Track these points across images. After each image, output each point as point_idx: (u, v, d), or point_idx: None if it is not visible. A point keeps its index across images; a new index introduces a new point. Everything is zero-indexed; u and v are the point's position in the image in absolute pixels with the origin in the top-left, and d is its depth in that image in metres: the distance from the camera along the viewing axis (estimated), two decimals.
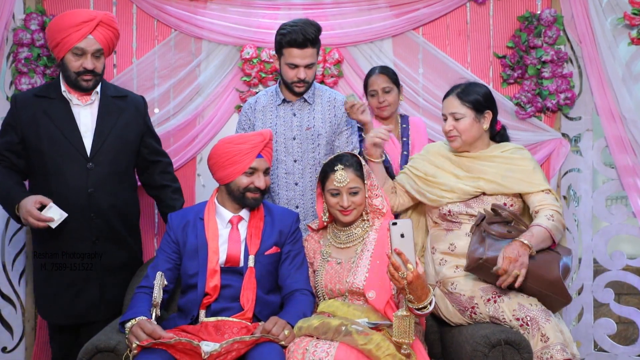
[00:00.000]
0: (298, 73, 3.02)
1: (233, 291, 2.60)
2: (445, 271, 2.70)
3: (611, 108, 3.60)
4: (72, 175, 2.89)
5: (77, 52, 2.83)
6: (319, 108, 3.18)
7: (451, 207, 2.78)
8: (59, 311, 2.96)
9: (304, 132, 3.14)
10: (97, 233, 2.93)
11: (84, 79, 2.87)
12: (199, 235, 2.68)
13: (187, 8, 3.72)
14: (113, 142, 2.97)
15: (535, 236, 2.52)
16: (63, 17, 2.84)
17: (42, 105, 2.92)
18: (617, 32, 3.60)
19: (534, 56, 3.65)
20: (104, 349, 2.36)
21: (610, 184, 3.69)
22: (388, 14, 3.75)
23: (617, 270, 3.64)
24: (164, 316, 2.66)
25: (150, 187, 3.28)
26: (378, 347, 2.22)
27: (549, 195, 2.70)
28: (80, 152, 2.91)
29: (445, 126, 2.80)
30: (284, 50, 3.02)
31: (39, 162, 2.92)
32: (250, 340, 2.27)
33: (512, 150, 2.81)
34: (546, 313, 2.48)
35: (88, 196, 2.90)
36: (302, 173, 3.15)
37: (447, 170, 2.84)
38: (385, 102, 3.35)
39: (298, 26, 2.98)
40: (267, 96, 3.24)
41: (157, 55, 3.74)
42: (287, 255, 2.73)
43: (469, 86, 2.83)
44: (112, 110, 3.01)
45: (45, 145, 2.89)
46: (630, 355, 3.58)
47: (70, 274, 2.91)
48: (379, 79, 3.37)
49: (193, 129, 3.74)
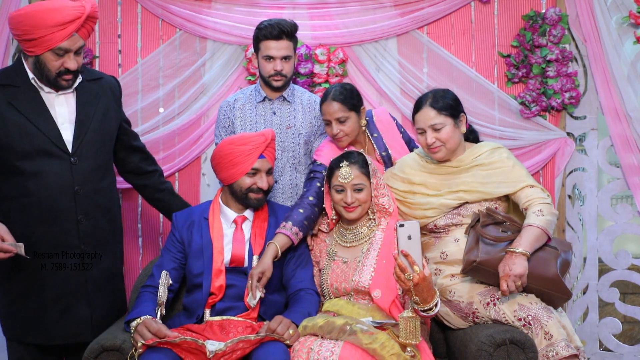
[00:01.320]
0: (275, 65, 3.06)
1: (238, 291, 2.61)
2: (441, 281, 2.69)
3: (616, 107, 3.58)
4: (54, 173, 2.54)
5: (59, 52, 2.46)
6: (299, 108, 3.21)
7: (437, 222, 2.77)
8: (41, 331, 2.58)
9: (285, 131, 3.16)
10: (86, 239, 2.61)
11: (64, 79, 2.53)
12: (203, 235, 2.69)
13: (192, 8, 3.72)
14: (95, 133, 2.65)
15: (528, 239, 2.51)
16: (44, 13, 2.41)
17: (6, 95, 2.52)
18: (622, 30, 3.58)
19: (539, 55, 3.64)
20: (110, 348, 2.36)
21: (616, 183, 3.68)
22: (393, 13, 3.74)
23: (623, 270, 3.62)
24: (169, 315, 2.67)
25: (135, 174, 3.01)
26: (383, 346, 2.22)
27: (534, 190, 2.67)
28: (60, 146, 2.55)
29: (427, 139, 2.70)
30: (260, 44, 3.08)
31: (10, 162, 2.53)
32: (255, 339, 2.27)
33: (488, 153, 2.77)
34: (547, 310, 2.48)
35: (74, 195, 2.57)
36: (282, 171, 3.17)
37: (426, 186, 2.80)
38: (340, 133, 2.91)
39: (273, 21, 3.08)
40: (246, 95, 3.26)
41: (162, 55, 3.74)
42: (292, 255, 2.73)
43: (436, 94, 2.77)
44: (90, 97, 2.67)
45: (15, 142, 2.50)
46: (636, 354, 3.57)
47: (55, 289, 2.56)
48: (332, 106, 2.90)
49: (198, 128, 3.73)
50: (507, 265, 2.46)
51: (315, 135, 3.21)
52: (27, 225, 2.54)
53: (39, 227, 2.55)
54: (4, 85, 2.55)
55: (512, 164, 2.74)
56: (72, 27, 2.44)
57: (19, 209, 2.55)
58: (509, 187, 2.70)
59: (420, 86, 3.69)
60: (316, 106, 3.18)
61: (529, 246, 2.49)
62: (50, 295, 2.57)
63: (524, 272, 2.45)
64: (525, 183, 2.69)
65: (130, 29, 3.75)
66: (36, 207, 2.53)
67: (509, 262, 2.46)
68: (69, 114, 2.61)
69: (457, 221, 2.74)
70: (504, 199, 2.75)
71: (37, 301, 2.56)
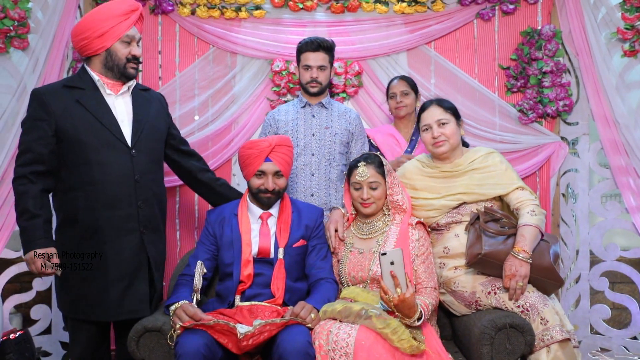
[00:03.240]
0: (312, 73, 3.19)
1: (265, 279, 2.62)
2: (446, 273, 2.69)
3: (606, 114, 3.55)
4: (118, 163, 2.56)
5: (126, 39, 2.57)
6: (336, 114, 3.28)
7: (439, 221, 2.76)
8: (105, 309, 2.55)
9: (323, 131, 3.22)
10: (145, 223, 2.61)
11: (132, 67, 2.61)
12: (233, 229, 2.70)
13: (224, 26, 3.74)
14: (150, 131, 2.68)
15: (528, 238, 2.51)
16: (108, 7, 2.56)
17: (74, 95, 2.56)
18: (611, 45, 3.55)
19: (535, 67, 3.62)
20: (152, 329, 2.39)
21: (605, 183, 3.64)
22: (403, 30, 3.73)
23: (612, 261, 3.60)
24: (203, 300, 2.68)
25: (190, 175, 2.98)
26: (394, 332, 2.22)
27: (524, 192, 2.68)
28: (121, 140, 2.58)
29: (434, 132, 2.73)
30: (301, 56, 3.23)
31: (78, 153, 2.54)
32: (281, 322, 2.28)
33: (483, 157, 2.77)
34: (543, 298, 2.47)
35: (135, 183, 2.58)
36: (318, 165, 3.20)
37: (427, 190, 2.80)
38: (402, 103, 3.38)
39: (313, 37, 3.24)
40: (289, 105, 3.35)
41: (197, 69, 3.76)
42: (313, 247, 2.73)
43: (440, 99, 2.86)
44: (143, 101, 2.73)
45: (83, 135, 2.52)
46: (624, 337, 3.54)
47: (119, 269, 2.55)
48: (399, 83, 3.43)
49: (229, 133, 3.74)
50: (514, 265, 2.47)
51: (351, 140, 3.27)
52: (93, 212, 2.53)
53: (104, 212, 2.53)
54: (72, 87, 2.59)
55: (504, 168, 2.74)
56: (134, 17, 2.59)
57: (85, 197, 2.53)
58: (502, 189, 2.70)
59: (428, 95, 3.67)
60: (350, 114, 3.28)
61: (529, 246, 2.50)
62: (114, 276, 2.54)
63: (527, 274, 2.47)
64: (517, 185, 2.69)
65: (169, 46, 3.77)
66: (101, 194, 2.53)
67: (515, 263, 2.47)
68: (127, 113, 2.65)
69: (456, 219, 2.74)
70: (497, 199, 2.74)
71: (102, 281, 2.54)
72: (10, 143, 3.42)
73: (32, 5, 3.50)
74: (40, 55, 3.50)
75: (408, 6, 3.70)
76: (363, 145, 3.29)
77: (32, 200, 2.47)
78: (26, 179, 2.49)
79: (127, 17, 2.57)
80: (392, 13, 3.73)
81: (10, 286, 3.60)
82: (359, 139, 3.28)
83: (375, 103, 3.75)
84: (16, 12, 3.40)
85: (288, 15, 3.74)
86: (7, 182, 3.40)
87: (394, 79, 3.49)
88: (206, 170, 3.02)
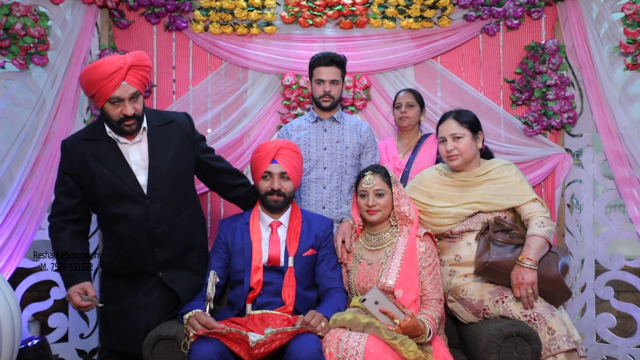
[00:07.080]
0: (324, 87, 3.16)
1: (275, 287, 2.61)
2: (455, 281, 2.67)
3: (609, 126, 3.54)
4: (133, 215, 2.53)
5: (114, 100, 2.41)
6: (347, 128, 3.25)
7: (452, 229, 2.74)
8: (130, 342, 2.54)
9: (334, 145, 3.21)
10: (162, 267, 2.58)
11: (126, 125, 2.47)
12: (244, 237, 2.70)
13: (236, 42, 3.76)
14: (168, 176, 2.58)
15: (533, 247, 2.49)
16: (92, 70, 2.40)
17: (91, 149, 2.53)
18: (614, 59, 3.54)
19: (540, 80, 3.61)
20: (166, 337, 2.39)
21: (609, 193, 3.62)
22: (410, 44, 3.74)
23: (617, 270, 3.57)
24: (216, 309, 2.68)
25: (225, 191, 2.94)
26: (402, 343, 2.21)
27: (536, 204, 2.66)
28: (137, 191, 2.53)
29: (447, 146, 2.73)
30: (314, 70, 3.20)
31: (98, 206, 2.59)
32: (292, 330, 2.27)
33: (500, 168, 2.75)
34: (550, 309, 2.45)
35: (149, 233, 2.54)
36: (330, 178, 3.18)
37: (443, 198, 2.77)
38: (405, 114, 3.37)
39: (326, 52, 3.23)
40: (302, 119, 3.34)
41: (209, 83, 3.78)
42: (323, 257, 2.72)
43: (461, 111, 2.81)
44: (161, 143, 2.60)
45: (101, 191, 2.52)
46: (629, 346, 3.50)
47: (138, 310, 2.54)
48: (406, 95, 3.42)
49: (240, 146, 3.76)
50: (520, 274, 2.45)
51: (362, 152, 3.25)
52: (115, 257, 2.61)
53: (123, 260, 2.59)
54: (91, 140, 2.56)
55: (519, 180, 2.72)
56: (118, 77, 2.39)
57: (108, 240, 2.65)
58: (517, 200, 2.67)
59: (434, 108, 3.67)
60: (361, 127, 3.26)
61: (535, 255, 2.48)
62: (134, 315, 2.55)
63: (534, 280, 2.45)
64: (531, 197, 2.67)
65: (182, 61, 3.79)
66: (119, 243, 2.57)
67: (521, 272, 2.46)
68: (142, 161, 2.57)
69: (470, 227, 2.71)
70: (511, 210, 2.72)
71: (125, 320, 2.56)
72: (30, 156, 3.46)
73: (51, 23, 3.55)
74: (59, 71, 3.55)
75: (415, 22, 3.71)
76: (374, 156, 3.27)
77: (63, 243, 2.56)
78: (56, 227, 2.59)
79: (110, 78, 2.38)
80: (399, 28, 3.74)
81: (29, 295, 3.62)
82: (370, 150, 3.26)
83: (383, 116, 3.75)
84: (36, 30, 3.43)
85: (298, 31, 3.76)
86: (27, 194, 3.46)
87: (402, 90, 3.49)
88: (237, 185, 2.91)
